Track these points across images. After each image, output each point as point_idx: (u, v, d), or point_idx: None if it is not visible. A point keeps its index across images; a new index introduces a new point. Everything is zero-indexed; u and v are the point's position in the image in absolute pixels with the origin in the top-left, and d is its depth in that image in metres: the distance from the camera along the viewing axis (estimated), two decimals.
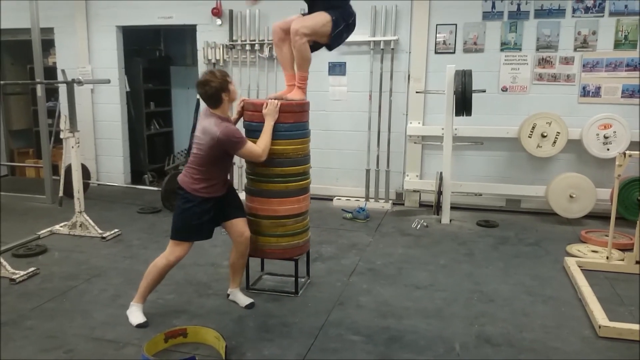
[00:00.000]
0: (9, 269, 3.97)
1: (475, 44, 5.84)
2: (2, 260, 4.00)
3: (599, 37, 5.54)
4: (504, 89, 5.84)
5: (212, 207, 3.41)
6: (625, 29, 5.47)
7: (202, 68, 6.69)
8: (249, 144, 3.34)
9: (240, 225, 3.49)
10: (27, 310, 3.47)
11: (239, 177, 6.67)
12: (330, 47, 3.77)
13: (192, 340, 3.07)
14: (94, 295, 3.75)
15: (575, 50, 5.61)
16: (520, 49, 5.74)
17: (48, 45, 7.29)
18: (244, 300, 3.59)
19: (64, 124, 4.97)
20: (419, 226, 5.46)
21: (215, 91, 3.24)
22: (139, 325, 3.28)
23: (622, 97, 5.57)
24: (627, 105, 5.56)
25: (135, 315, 3.34)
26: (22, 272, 3.99)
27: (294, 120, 3.53)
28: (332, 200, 6.32)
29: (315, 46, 3.67)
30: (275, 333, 3.19)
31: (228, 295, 3.68)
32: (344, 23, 3.62)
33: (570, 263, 4.17)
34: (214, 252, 4.65)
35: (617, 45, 5.52)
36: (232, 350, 2.96)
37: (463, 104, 5.28)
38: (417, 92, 5.98)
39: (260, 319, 3.37)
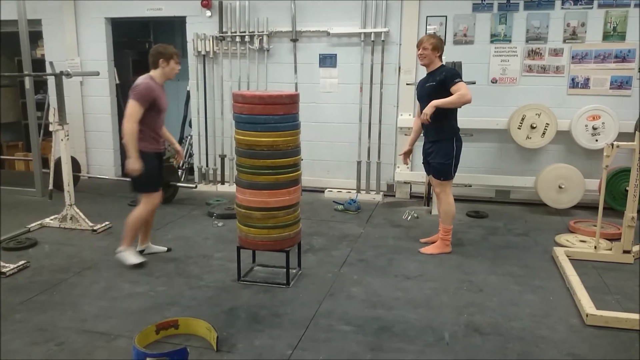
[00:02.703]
0: None
1: (465, 35, 5.86)
2: None
3: (588, 28, 5.57)
4: (494, 81, 5.86)
5: (154, 159, 4.05)
6: (614, 21, 5.50)
7: (192, 60, 6.67)
8: (132, 103, 3.86)
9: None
10: (17, 304, 3.47)
11: (230, 169, 6.67)
12: None
13: (184, 332, 3.08)
14: (85, 287, 3.75)
15: (564, 41, 5.64)
16: (510, 41, 5.76)
17: (36, 37, 7.21)
18: (160, 247, 4.38)
19: (53, 116, 4.93)
20: (409, 217, 5.49)
21: (155, 55, 4.07)
22: (139, 265, 4.01)
23: (610, 88, 5.61)
24: (616, 97, 5.60)
25: (132, 256, 4.04)
26: (12, 266, 3.98)
27: (283, 112, 3.53)
28: (323, 192, 6.34)
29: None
30: (266, 324, 3.21)
31: (142, 251, 4.25)
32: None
33: (559, 253, 4.22)
34: (206, 244, 4.66)
35: (606, 36, 5.55)
36: (224, 341, 2.97)
37: None
38: (407, 84, 5.99)
39: (252, 310, 3.39)
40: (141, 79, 4.01)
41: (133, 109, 3.86)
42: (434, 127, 4.23)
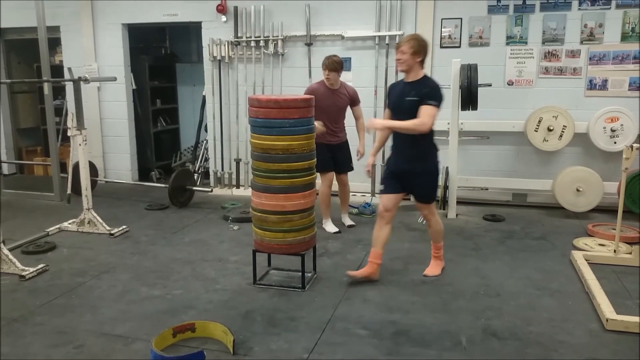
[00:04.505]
0: (18, 266, 4.01)
1: (480, 37, 5.82)
2: (5, 257, 4.05)
3: (606, 29, 5.51)
4: (510, 83, 5.82)
5: (326, 151, 4.42)
6: (633, 21, 5.43)
7: (207, 65, 6.71)
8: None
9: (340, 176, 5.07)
10: (36, 307, 3.51)
11: (245, 173, 6.70)
12: None
13: (201, 335, 3.09)
14: (103, 291, 3.78)
15: (581, 43, 5.58)
16: (526, 43, 5.71)
17: (54, 43, 7.32)
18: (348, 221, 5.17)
19: (71, 121, 4.99)
20: (424, 221, 5.44)
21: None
22: (336, 232, 4.93)
23: (629, 89, 5.54)
24: (634, 98, 5.52)
25: (330, 226, 5.02)
26: (31, 269, 4.03)
27: (298, 115, 3.54)
28: (337, 195, 6.32)
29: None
30: (282, 327, 3.21)
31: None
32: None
33: (577, 257, 4.17)
34: (221, 247, 4.68)
35: (624, 37, 5.48)
36: (240, 344, 2.98)
37: (469, 98, 5.27)
38: None
39: (268, 313, 3.39)
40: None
41: None
42: (414, 145, 3.69)
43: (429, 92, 3.56)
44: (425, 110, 3.52)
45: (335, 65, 4.80)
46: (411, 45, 3.56)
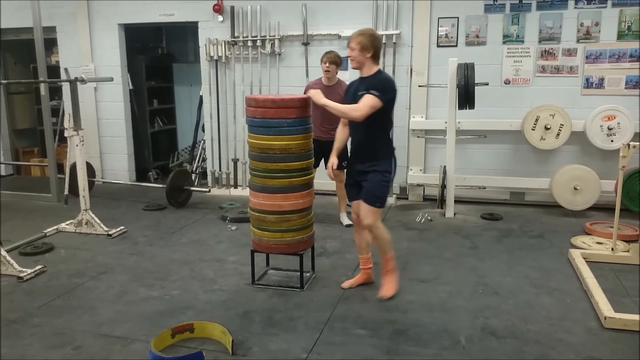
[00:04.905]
0: (16, 267, 4.00)
1: (477, 36, 5.83)
2: (3, 258, 4.04)
3: (602, 28, 5.52)
4: (507, 82, 5.83)
5: (317, 147, 4.01)
6: (629, 20, 5.44)
7: (204, 65, 6.70)
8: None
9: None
10: (34, 308, 3.50)
11: (243, 173, 6.69)
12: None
13: (199, 336, 3.09)
14: (101, 292, 3.77)
15: (578, 41, 5.59)
16: (522, 42, 5.72)
17: (51, 44, 7.31)
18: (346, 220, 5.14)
19: (67, 122, 4.98)
20: (423, 220, 5.47)
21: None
22: (347, 225, 5.01)
23: (625, 88, 5.55)
24: (631, 97, 5.53)
25: (345, 218, 5.21)
26: (29, 270, 4.02)
27: (296, 115, 3.53)
28: (335, 195, 6.32)
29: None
30: (281, 327, 3.21)
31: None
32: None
33: (575, 255, 4.18)
34: (219, 248, 4.67)
35: (621, 36, 5.50)
36: (239, 345, 2.98)
37: (466, 97, 5.27)
38: (419, 86, 5.98)
39: (266, 313, 3.39)
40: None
41: None
42: (366, 144, 3.52)
43: (376, 84, 3.38)
44: (364, 99, 3.35)
45: (336, 58, 4.88)
46: (358, 41, 3.41)
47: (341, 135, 3.71)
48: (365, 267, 3.82)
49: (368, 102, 3.33)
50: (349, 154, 3.76)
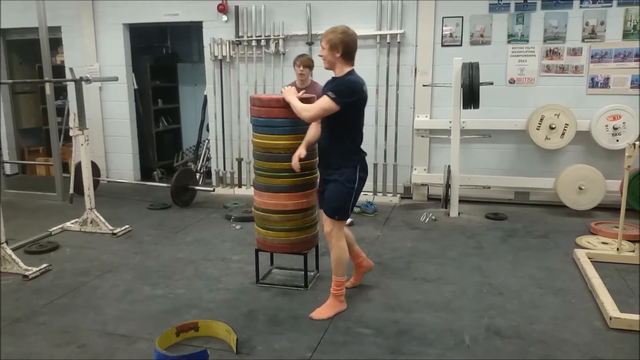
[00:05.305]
0: (21, 266, 4.02)
1: (482, 36, 5.82)
2: (9, 256, 4.06)
3: (608, 27, 5.50)
4: (512, 81, 5.81)
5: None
6: (634, 19, 5.42)
7: (208, 65, 6.71)
8: None
9: None
10: (39, 306, 3.52)
11: (247, 172, 6.70)
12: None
13: (204, 334, 3.09)
14: (106, 290, 3.79)
15: (583, 41, 5.57)
16: (527, 41, 5.71)
17: (56, 44, 7.33)
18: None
19: (73, 121, 5.00)
20: (427, 220, 5.46)
21: None
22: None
23: (631, 87, 5.53)
24: (637, 96, 5.51)
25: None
26: (34, 269, 4.04)
27: None
28: None
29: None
30: (285, 326, 3.21)
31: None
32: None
33: (580, 255, 4.16)
34: (224, 247, 4.68)
35: (626, 35, 5.47)
36: (243, 343, 2.98)
37: (470, 97, 5.26)
38: (424, 86, 5.97)
39: (271, 312, 3.39)
40: None
41: None
42: (328, 150, 3.35)
43: (335, 85, 3.20)
44: (319, 100, 3.21)
45: (309, 62, 5.07)
46: (328, 39, 3.18)
47: (311, 131, 3.47)
48: (357, 260, 3.70)
49: (320, 104, 3.18)
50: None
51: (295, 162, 3.42)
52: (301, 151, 3.43)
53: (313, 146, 3.55)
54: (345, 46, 3.18)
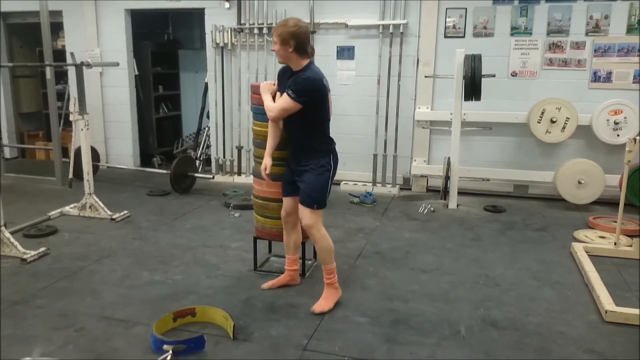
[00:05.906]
0: (20, 249, 4.02)
1: (485, 28, 5.79)
2: (7, 240, 4.07)
3: (611, 21, 5.47)
4: (514, 74, 5.79)
5: None
6: (638, 13, 5.39)
7: (210, 52, 6.68)
8: None
9: None
10: (37, 290, 3.53)
11: (247, 160, 6.70)
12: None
13: (201, 320, 3.11)
14: (104, 275, 3.80)
15: (586, 34, 5.55)
16: (530, 34, 5.68)
17: (57, 28, 7.29)
18: None
19: (73, 106, 4.98)
20: (426, 211, 5.47)
21: None
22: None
23: (633, 82, 5.51)
24: (639, 91, 5.50)
25: None
26: (33, 252, 4.05)
27: None
28: (339, 184, 6.33)
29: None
30: (282, 314, 3.23)
31: None
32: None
33: (578, 249, 4.17)
34: (222, 234, 4.69)
35: (630, 29, 5.45)
36: (240, 330, 3.00)
37: (472, 89, 5.25)
38: (426, 77, 5.95)
39: (268, 299, 3.41)
40: None
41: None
42: (299, 142, 3.30)
43: (293, 81, 3.13)
44: (280, 99, 3.17)
45: None
46: (278, 34, 3.09)
47: (271, 135, 3.34)
48: (290, 267, 3.60)
49: (281, 104, 3.13)
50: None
51: (263, 174, 3.35)
52: (267, 161, 3.34)
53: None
54: (297, 40, 3.08)
